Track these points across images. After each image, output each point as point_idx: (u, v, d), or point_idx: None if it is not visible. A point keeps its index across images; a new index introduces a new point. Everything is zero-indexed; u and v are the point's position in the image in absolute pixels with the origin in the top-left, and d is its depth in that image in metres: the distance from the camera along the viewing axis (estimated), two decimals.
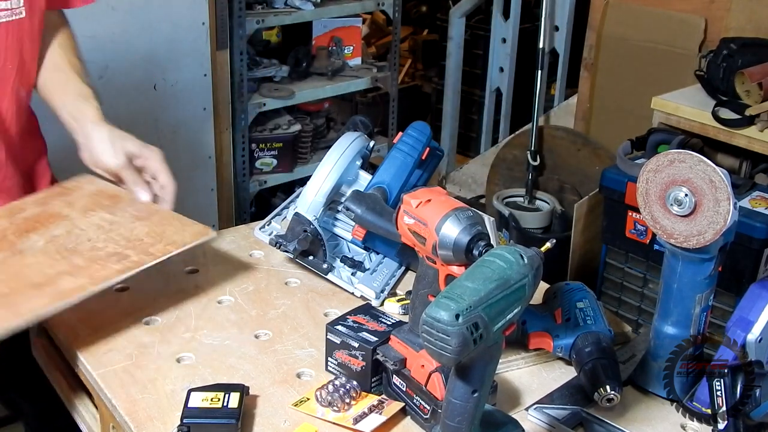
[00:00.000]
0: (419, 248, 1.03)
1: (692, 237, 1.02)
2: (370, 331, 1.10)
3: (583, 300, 1.19)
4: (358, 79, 3.03)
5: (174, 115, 2.50)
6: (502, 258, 0.85)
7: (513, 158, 3.34)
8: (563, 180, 3.16)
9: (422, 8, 4.89)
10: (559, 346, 1.14)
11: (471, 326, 0.80)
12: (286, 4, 2.79)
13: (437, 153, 1.46)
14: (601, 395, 1.06)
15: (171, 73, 2.45)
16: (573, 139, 3.12)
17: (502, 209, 3.07)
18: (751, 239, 2.05)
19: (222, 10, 2.53)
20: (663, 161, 1.03)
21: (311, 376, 1.13)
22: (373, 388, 1.09)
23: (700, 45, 2.69)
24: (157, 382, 1.09)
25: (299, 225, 1.32)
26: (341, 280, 1.33)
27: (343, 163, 1.36)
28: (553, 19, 3.33)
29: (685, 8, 2.74)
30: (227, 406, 1.01)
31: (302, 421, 1.03)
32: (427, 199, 1.01)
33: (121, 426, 1.05)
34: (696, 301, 1.06)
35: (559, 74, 3.49)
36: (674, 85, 2.52)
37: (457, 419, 0.88)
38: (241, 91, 2.66)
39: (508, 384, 1.13)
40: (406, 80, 4.64)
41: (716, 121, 2.25)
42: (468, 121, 4.15)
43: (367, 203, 1.21)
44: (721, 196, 0.99)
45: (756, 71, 2.27)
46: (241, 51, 2.62)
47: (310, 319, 1.25)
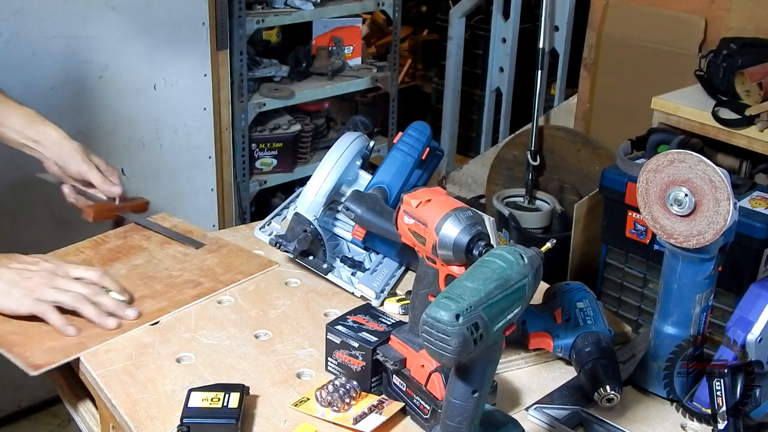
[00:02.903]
0: (419, 248, 1.03)
1: (692, 237, 1.02)
2: (370, 331, 1.10)
3: (583, 300, 1.19)
4: (358, 79, 3.02)
5: (174, 115, 2.50)
6: (502, 258, 0.85)
7: (513, 158, 3.34)
8: (563, 180, 3.16)
9: (422, 8, 4.89)
10: (559, 346, 1.14)
11: (471, 326, 0.80)
12: (286, 4, 2.79)
13: (437, 153, 1.46)
14: (601, 395, 1.06)
15: (171, 73, 2.45)
16: (573, 139, 3.12)
17: (502, 209, 3.07)
18: (751, 239, 2.05)
19: (222, 10, 2.53)
20: (663, 161, 1.03)
21: (311, 376, 1.13)
22: (373, 388, 1.09)
23: (700, 45, 2.69)
24: (157, 382, 1.09)
25: (299, 225, 1.32)
26: (341, 280, 1.33)
27: (343, 163, 1.37)
28: (553, 19, 3.33)
29: (685, 8, 2.73)
30: (227, 406, 1.01)
31: (302, 421, 1.03)
32: (427, 199, 1.01)
33: (121, 426, 1.05)
34: (696, 301, 1.06)
35: (559, 74, 3.49)
36: (674, 85, 2.52)
37: (457, 419, 0.88)
38: (241, 91, 2.66)
39: (508, 384, 1.13)
40: (406, 80, 4.64)
41: (716, 121, 2.25)
42: (468, 121, 4.14)
43: (367, 203, 1.21)
44: (721, 196, 0.99)
45: (756, 71, 2.27)
46: (241, 51, 2.62)
47: (310, 319, 1.25)
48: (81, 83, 2.23)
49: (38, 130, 1.45)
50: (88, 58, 1.91)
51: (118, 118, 2.36)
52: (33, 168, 1.51)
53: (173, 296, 1.28)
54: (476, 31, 4.00)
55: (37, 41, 2.12)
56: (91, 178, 1.46)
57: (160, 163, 2.43)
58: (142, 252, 1.42)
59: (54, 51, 2.16)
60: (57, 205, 2.23)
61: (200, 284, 1.32)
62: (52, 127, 1.46)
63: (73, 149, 1.45)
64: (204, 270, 1.37)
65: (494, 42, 3.73)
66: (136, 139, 2.42)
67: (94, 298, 1.21)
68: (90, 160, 1.46)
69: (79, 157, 1.45)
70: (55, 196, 2.26)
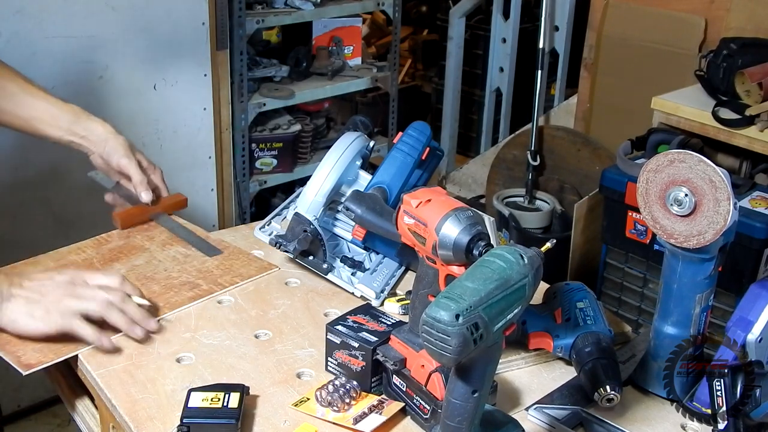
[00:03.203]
0: (419, 248, 1.03)
1: (692, 237, 1.02)
2: (370, 331, 1.10)
3: (583, 300, 1.19)
4: (358, 79, 3.02)
5: (174, 115, 2.50)
6: (502, 258, 0.85)
7: (513, 158, 3.34)
8: (563, 180, 3.16)
9: (422, 8, 4.89)
10: (559, 346, 1.14)
11: (471, 326, 0.80)
12: (286, 4, 2.79)
13: (437, 153, 1.46)
14: (601, 395, 1.06)
15: (171, 73, 2.45)
16: (573, 139, 3.12)
17: (502, 209, 3.07)
18: (751, 239, 2.05)
19: (222, 10, 2.53)
20: (663, 161, 1.03)
21: (311, 376, 1.13)
22: (373, 388, 1.09)
23: (700, 45, 2.69)
24: (157, 382, 1.09)
25: (299, 225, 1.32)
26: (341, 280, 1.33)
27: (343, 163, 1.37)
28: (553, 19, 3.33)
29: (685, 8, 2.73)
30: (227, 406, 1.01)
31: (302, 421, 1.03)
32: (427, 199, 1.01)
33: (121, 426, 1.05)
34: (696, 301, 1.06)
35: (559, 74, 3.49)
36: (674, 85, 2.52)
37: (457, 419, 0.88)
38: (241, 91, 2.66)
39: (508, 384, 1.13)
40: (406, 80, 4.64)
41: (716, 121, 2.25)
42: (468, 121, 4.14)
43: (367, 203, 1.22)
44: (721, 196, 0.99)
45: (756, 71, 2.27)
46: (241, 51, 2.62)
47: (310, 319, 1.25)
48: (81, 83, 2.23)
49: (84, 126, 1.46)
50: (88, 58, 1.91)
51: (118, 118, 2.35)
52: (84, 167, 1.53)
53: (170, 298, 1.28)
54: (476, 31, 4.00)
55: (37, 41, 2.12)
56: (130, 172, 1.47)
57: (160, 163, 2.43)
58: (144, 252, 1.42)
59: (54, 51, 2.16)
60: (57, 205, 2.23)
61: (197, 286, 1.32)
62: (98, 122, 1.48)
63: (118, 143, 1.47)
64: (203, 272, 1.37)
65: (494, 42, 3.73)
66: (136, 139, 2.39)
67: (120, 305, 1.17)
68: (133, 155, 1.48)
69: (123, 151, 1.46)
70: (55, 196, 2.26)
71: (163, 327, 1.21)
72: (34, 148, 2.09)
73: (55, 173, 2.21)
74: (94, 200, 1.57)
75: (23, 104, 1.46)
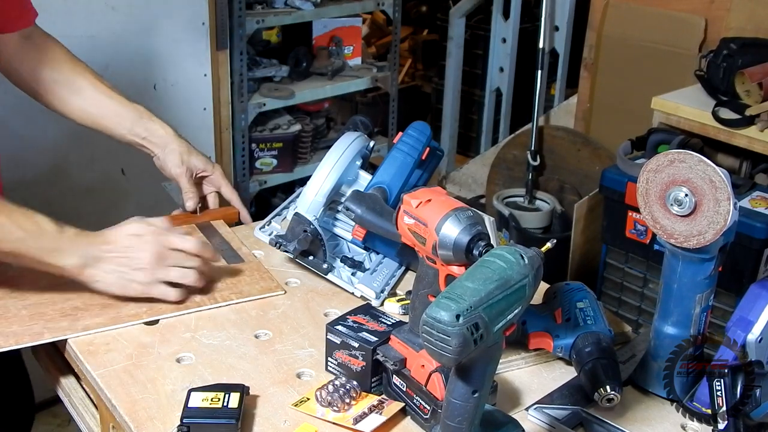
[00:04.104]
0: (419, 248, 1.03)
1: (692, 237, 1.02)
2: (370, 331, 1.10)
3: (583, 300, 1.19)
4: (358, 79, 3.02)
5: (174, 115, 2.49)
6: (502, 258, 0.85)
7: (513, 158, 3.34)
8: (563, 180, 3.16)
9: (422, 8, 4.89)
10: (559, 346, 1.14)
11: (471, 326, 0.80)
12: (286, 4, 2.79)
13: (437, 153, 1.46)
14: (601, 395, 1.06)
15: (171, 73, 2.45)
16: (573, 139, 3.12)
17: (502, 209, 3.07)
18: (751, 239, 2.05)
19: (222, 10, 2.53)
20: (663, 161, 1.03)
21: (311, 376, 1.13)
22: (373, 388, 1.09)
23: (700, 45, 2.69)
24: (157, 382, 1.09)
25: (299, 225, 1.32)
26: (341, 280, 1.33)
27: (343, 163, 1.36)
28: (553, 19, 3.33)
29: (685, 8, 2.73)
30: (227, 406, 1.01)
31: (302, 421, 1.03)
32: (427, 199, 1.01)
33: (121, 426, 1.04)
34: (696, 301, 1.06)
35: (559, 74, 3.49)
36: (674, 85, 2.52)
37: (457, 419, 0.88)
38: (241, 91, 2.66)
39: (508, 384, 1.13)
40: (406, 80, 4.64)
41: (716, 121, 2.25)
42: (468, 121, 4.14)
43: (367, 203, 1.22)
44: (721, 196, 0.99)
45: (756, 71, 2.27)
46: (241, 51, 2.62)
47: (310, 319, 1.25)
48: None
49: (146, 127, 1.47)
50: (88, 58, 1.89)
51: None
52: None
53: (155, 304, 1.24)
54: (476, 31, 4.00)
55: None
56: (180, 183, 1.48)
57: None
58: None
59: None
60: (57, 205, 2.23)
61: (190, 298, 1.27)
62: (159, 124, 1.48)
63: (174, 150, 1.47)
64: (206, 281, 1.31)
65: (494, 42, 3.73)
66: None
67: (199, 273, 1.25)
68: (189, 161, 1.47)
69: (177, 159, 1.46)
70: (55, 196, 2.26)
71: (163, 327, 1.21)
72: (34, 148, 2.09)
73: (55, 173, 2.20)
74: (94, 200, 1.57)
75: (90, 100, 1.46)
